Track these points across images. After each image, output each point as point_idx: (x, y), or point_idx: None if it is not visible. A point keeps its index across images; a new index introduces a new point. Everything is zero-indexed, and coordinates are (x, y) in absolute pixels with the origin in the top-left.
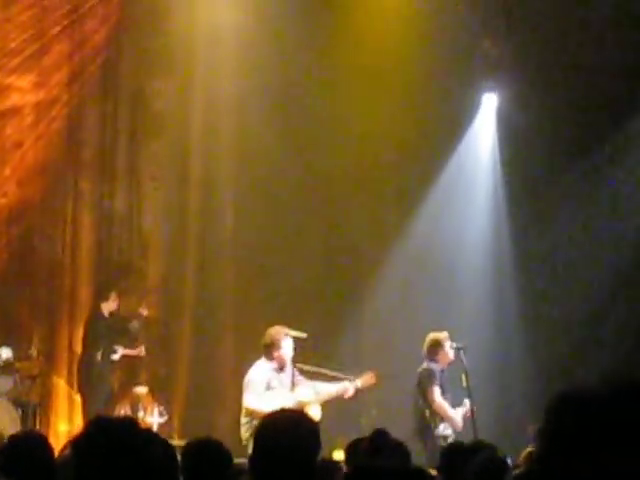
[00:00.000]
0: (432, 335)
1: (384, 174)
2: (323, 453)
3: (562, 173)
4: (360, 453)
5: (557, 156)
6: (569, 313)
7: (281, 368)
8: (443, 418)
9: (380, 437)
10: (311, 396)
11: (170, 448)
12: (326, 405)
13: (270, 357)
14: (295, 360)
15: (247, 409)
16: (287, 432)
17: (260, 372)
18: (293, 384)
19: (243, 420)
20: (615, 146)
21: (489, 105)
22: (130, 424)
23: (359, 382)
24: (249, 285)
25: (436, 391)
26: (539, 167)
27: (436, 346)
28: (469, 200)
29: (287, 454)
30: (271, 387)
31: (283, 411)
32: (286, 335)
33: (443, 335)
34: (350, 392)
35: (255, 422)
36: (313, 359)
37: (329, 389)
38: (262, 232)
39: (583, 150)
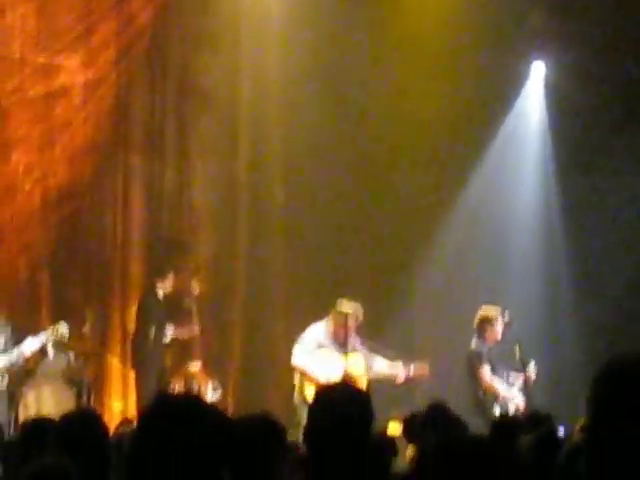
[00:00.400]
0: (483, 311)
1: (435, 145)
2: (377, 427)
3: (611, 142)
4: (417, 426)
5: (606, 125)
6: (622, 286)
7: (337, 333)
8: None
9: (437, 410)
10: (361, 370)
11: (230, 423)
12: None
13: (329, 318)
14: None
15: (293, 365)
16: (341, 406)
17: (314, 330)
18: (349, 350)
19: (295, 381)
20: None
21: (537, 74)
22: (194, 399)
23: (411, 371)
24: (300, 259)
25: (485, 372)
26: (588, 136)
27: (485, 323)
28: (519, 170)
29: (341, 427)
30: (322, 346)
31: (336, 385)
32: (349, 308)
33: (494, 311)
34: (401, 379)
35: (305, 387)
36: (365, 335)
37: (382, 368)
38: (313, 206)
39: (633, 119)
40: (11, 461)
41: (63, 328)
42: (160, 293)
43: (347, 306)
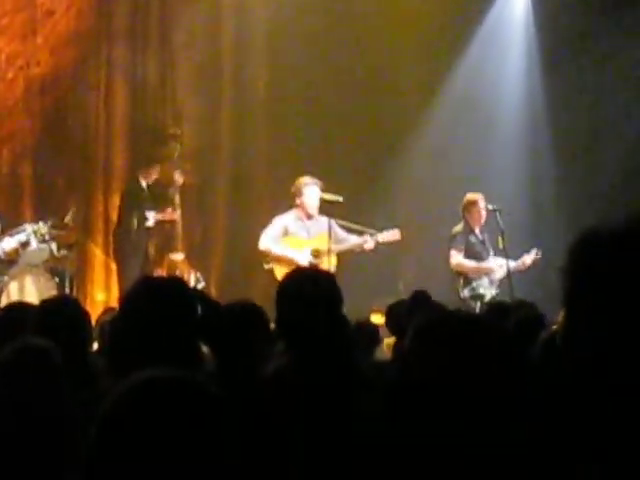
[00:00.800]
0: (467, 196)
1: (422, 33)
2: (361, 317)
3: (598, 26)
4: (399, 315)
5: (593, 14)
6: (605, 174)
7: (307, 217)
8: (469, 275)
9: (420, 299)
10: (327, 244)
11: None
12: (363, 269)
13: (295, 205)
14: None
15: (260, 251)
16: (307, 285)
17: (281, 217)
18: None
19: (266, 267)
20: None
21: None
22: (178, 281)
23: (380, 236)
24: (283, 149)
25: (453, 254)
26: (574, 21)
27: (467, 206)
28: (505, 57)
29: (310, 305)
30: (290, 232)
31: (300, 270)
32: (309, 184)
33: (475, 196)
34: (370, 244)
35: (276, 272)
36: (346, 218)
37: (349, 239)
38: (296, 94)
39: (620, 6)
40: None
41: (43, 229)
42: (143, 184)
43: (310, 188)
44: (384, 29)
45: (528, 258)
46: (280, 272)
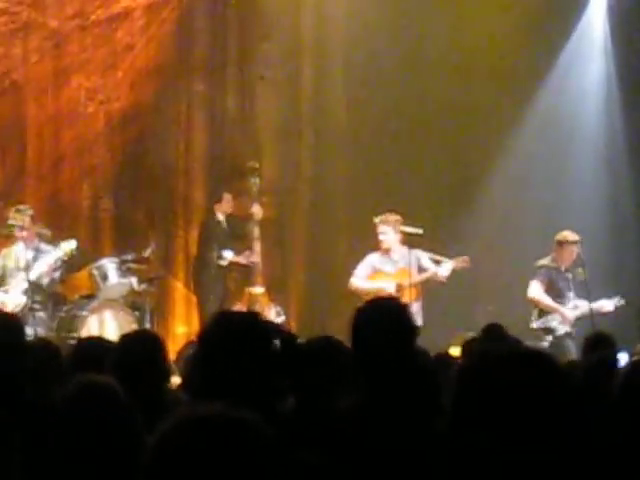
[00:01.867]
0: (563, 233)
1: (498, 63)
2: (440, 349)
3: None
4: (474, 347)
5: None
6: None
7: (386, 252)
8: (544, 310)
9: (493, 331)
10: (410, 280)
11: (292, 337)
12: (440, 302)
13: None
14: None
15: (353, 291)
16: (379, 315)
17: (367, 258)
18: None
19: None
20: None
21: None
22: (253, 316)
23: (450, 264)
24: (364, 182)
25: (533, 284)
26: None
27: (561, 243)
28: (582, 90)
29: (382, 339)
30: (377, 270)
31: (376, 299)
32: (382, 222)
33: (573, 236)
34: (443, 273)
35: None
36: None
37: (428, 264)
38: (376, 127)
39: None
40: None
41: (72, 245)
42: (220, 217)
43: (382, 227)
44: (463, 55)
45: (608, 305)
46: None
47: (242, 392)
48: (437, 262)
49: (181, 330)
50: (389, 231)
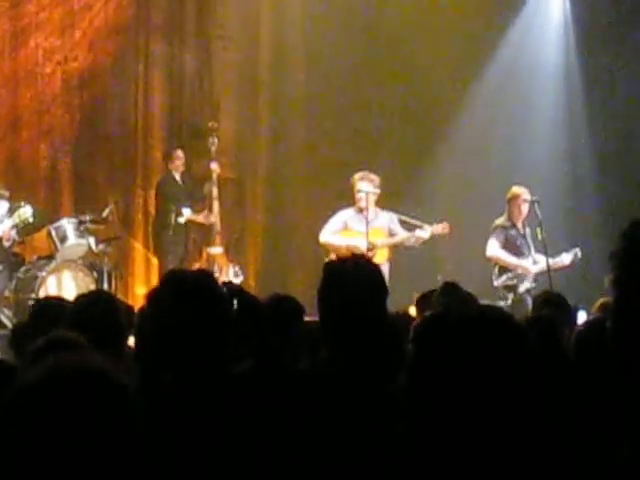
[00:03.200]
0: (512, 189)
1: (459, 20)
2: (399, 309)
3: (633, 25)
4: (430, 305)
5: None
6: None
7: (360, 210)
8: (504, 267)
9: (450, 289)
10: (383, 239)
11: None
12: (401, 262)
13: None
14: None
15: (321, 245)
16: (351, 281)
17: (339, 214)
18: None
19: (326, 260)
20: None
21: None
22: (204, 275)
23: (429, 230)
24: (322, 141)
25: (491, 243)
26: (612, 19)
27: (511, 199)
28: (540, 54)
29: (351, 303)
30: (348, 227)
31: (346, 259)
32: (362, 178)
33: (519, 190)
34: (422, 236)
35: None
36: (389, 204)
37: (402, 234)
38: (336, 85)
39: None
40: (24, 344)
41: (27, 213)
42: (176, 176)
43: (361, 183)
44: (421, 20)
45: (567, 258)
46: None
47: (192, 351)
48: (415, 227)
49: (141, 290)
50: (368, 189)
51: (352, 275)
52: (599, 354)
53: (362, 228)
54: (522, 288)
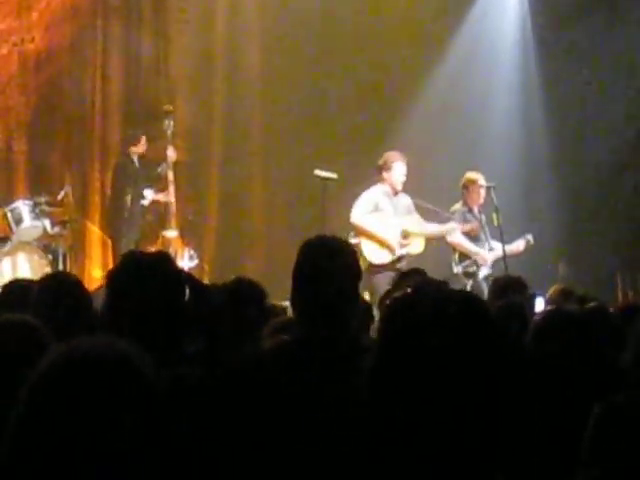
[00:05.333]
0: (466, 174)
1: (415, 15)
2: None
3: (592, 16)
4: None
5: None
6: (598, 155)
7: (394, 193)
8: (464, 254)
9: (410, 274)
10: (416, 228)
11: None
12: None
13: (381, 179)
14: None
15: (352, 225)
16: (328, 254)
17: (371, 192)
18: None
19: (352, 240)
20: None
21: None
22: (163, 256)
23: (464, 227)
24: (278, 125)
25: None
26: (568, 7)
27: (466, 185)
28: (497, 43)
29: (325, 277)
30: (380, 209)
31: (321, 237)
32: (398, 160)
33: (475, 175)
34: (458, 231)
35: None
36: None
37: (435, 227)
38: (291, 71)
39: None
40: None
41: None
42: (135, 159)
43: (399, 165)
44: (375, 8)
45: (522, 244)
46: (367, 247)
47: (149, 331)
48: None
49: (97, 273)
50: (402, 172)
51: (326, 254)
52: (555, 344)
53: (391, 210)
54: (481, 274)
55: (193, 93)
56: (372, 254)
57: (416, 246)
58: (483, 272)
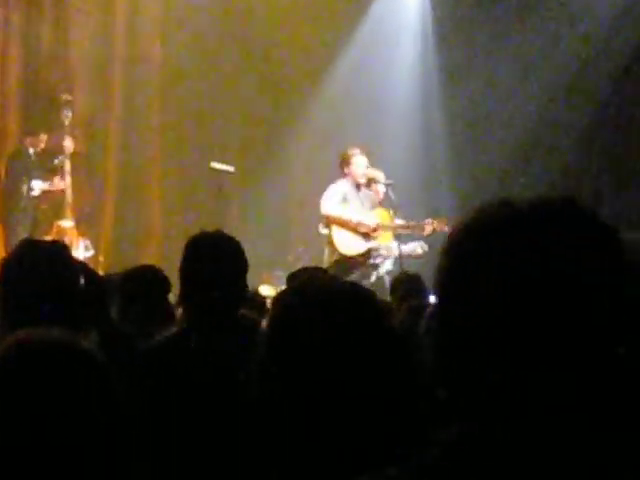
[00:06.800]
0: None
1: (308, 17)
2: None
3: (491, 12)
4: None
5: None
6: (496, 158)
7: (357, 186)
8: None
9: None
10: (391, 224)
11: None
12: (254, 241)
13: (343, 175)
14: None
15: (324, 216)
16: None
17: (337, 184)
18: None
19: (322, 231)
20: None
21: None
22: (59, 245)
23: (435, 225)
24: (175, 116)
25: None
26: (468, 5)
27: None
28: (397, 40)
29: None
30: (347, 201)
31: (209, 233)
32: (357, 154)
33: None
34: (427, 231)
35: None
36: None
37: (402, 222)
38: (191, 62)
39: None
40: None
41: None
42: (30, 151)
43: (359, 158)
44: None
45: (419, 248)
46: (339, 237)
47: (43, 321)
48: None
49: None
50: (364, 165)
51: (212, 248)
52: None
53: (358, 204)
54: (383, 269)
55: (92, 83)
56: (343, 244)
57: (385, 238)
58: (387, 266)
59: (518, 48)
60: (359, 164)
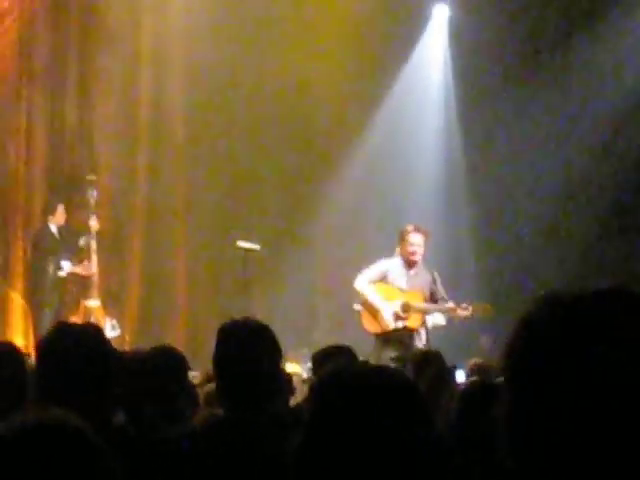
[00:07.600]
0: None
1: (339, 84)
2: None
3: (514, 86)
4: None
5: (510, 68)
6: (520, 228)
7: (408, 264)
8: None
9: (335, 348)
10: (420, 305)
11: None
12: (279, 319)
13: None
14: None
15: (354, 290)
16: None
17: (385, 261)
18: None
19: (356, 307)
20: (567, 59)
21: (440, 16)
22: (94, 328)
23: (471, 310)
24: (200, 197)
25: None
26: (491, 79)
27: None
28: (421, 113)
29: (240, 358)
30: (389, 279)
31: (240, 319)
32: (411, 231)
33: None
34: (465, 313)
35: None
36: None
37: (436, 306)
38: (214, 144)
39: (536, 62)
40: None
41: None
42: (53, 228)
43: (415, 236)
44: (303, 73)
45: (443, 319)
46: (365, 316)
47: (80, 404)
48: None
49: (19, 342)
50: (421, 243)
51: (244, 334)
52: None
53: (402, 284)
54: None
55: (116, 162)
56: (365, 322)
57: (414, 321)
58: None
59: (539, 125)
60: (410, 242)
